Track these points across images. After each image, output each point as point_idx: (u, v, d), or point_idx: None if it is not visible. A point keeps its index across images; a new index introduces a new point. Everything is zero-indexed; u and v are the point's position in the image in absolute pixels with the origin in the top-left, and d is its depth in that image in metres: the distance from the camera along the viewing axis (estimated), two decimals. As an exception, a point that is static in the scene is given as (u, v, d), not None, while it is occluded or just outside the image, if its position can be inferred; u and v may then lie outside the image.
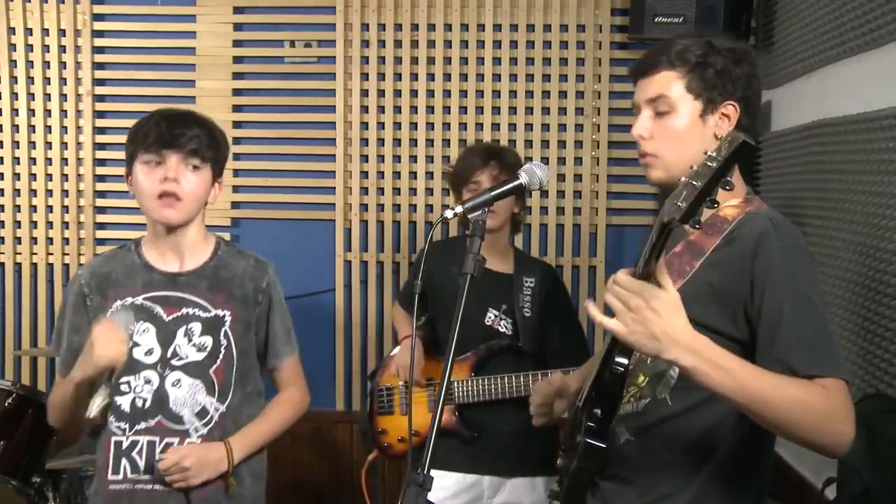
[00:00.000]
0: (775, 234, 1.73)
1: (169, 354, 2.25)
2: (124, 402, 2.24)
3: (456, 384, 3.03)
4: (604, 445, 1.80)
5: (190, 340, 2.26)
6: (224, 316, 2.29)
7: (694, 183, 1.40)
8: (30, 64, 4.09)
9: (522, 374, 2.99)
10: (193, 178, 2.22)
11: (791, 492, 3.03)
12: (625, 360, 1.74)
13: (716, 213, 1.84)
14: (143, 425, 2.24)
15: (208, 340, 2.27)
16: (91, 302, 2.29)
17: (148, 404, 2.23)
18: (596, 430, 1.80)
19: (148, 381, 2.24)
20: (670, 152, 1.85)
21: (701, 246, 1.82)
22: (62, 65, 4.09)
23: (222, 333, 2.29)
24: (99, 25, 4.10)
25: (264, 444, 2.37)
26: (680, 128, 1.84)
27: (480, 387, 3.03)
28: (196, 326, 2.27)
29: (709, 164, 1.39)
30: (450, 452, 2.98)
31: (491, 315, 3.07)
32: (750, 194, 1.90)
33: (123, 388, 2.24)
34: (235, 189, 4.11)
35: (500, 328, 3.07)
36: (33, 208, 4.12)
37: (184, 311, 2.27)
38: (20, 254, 4.12)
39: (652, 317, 1.53)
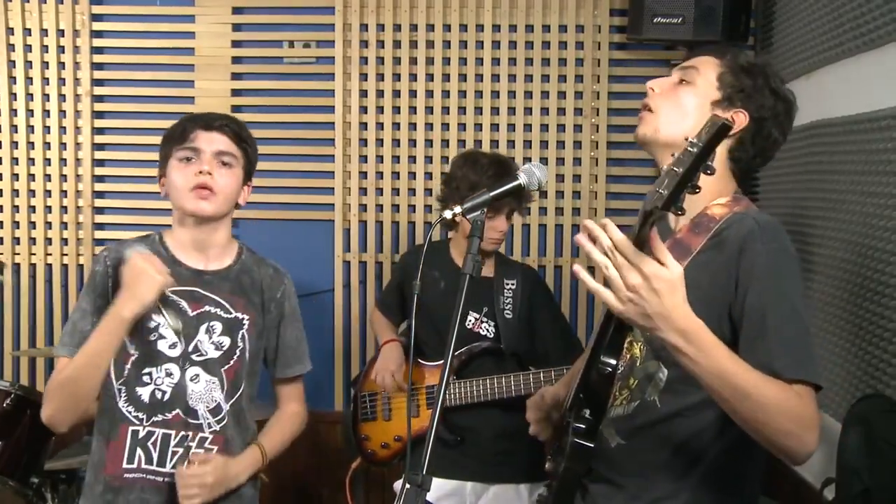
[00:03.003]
0: (760, 236, 1.73)
1: (190, 349, 2.27)
2: (144, 393, 2.25)
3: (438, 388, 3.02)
4: (591, 445, 1.79)
5: (210, 338, 2.29)
6: (243, 319, 2.32)
7: (675, 169, 1.39)
8: (28, 64, 4.08)
9: (504, 376, 2.99)
10: (225, 174, 2.28)
11: (790, 492, 3.03)
12: (612, 360, 1.71)
13: (703, 212, 1.84)
14: (160, 417, 2.25)
15: (226, 340, 2.30)
16: (112, 284, 2.27)
17: (167, 397, 2.25)
18: (584, 431, 1.79)
19: (169, 374, 2.25)
20: (668, 115, 1.87)
21: (688, 244, 1.82)
22: (61, 65, 4.09)
23: (240, 336, 2.32)
24: (98, 26, 4.10)
25: (279, 453, 2.42)
26: (688, 100, 1.86)
27: (463, 390, 3.02)
28: (217, 325, 2.29)
29: (689, 149, 1.38)
30: (432, 457, 2.94)
31: (472, 318, 3.07)
32: (738, 194, 1.90)
33: (145, 378, 2.25)
34: None
35: (480, 331, 3.07)
36: (32, 209, 4.12)
37: (206, 308, 2.29)
38: (19, 254, 4.12)
39: (649, 297, 1.50)
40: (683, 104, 1.87)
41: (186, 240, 2.33)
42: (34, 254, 4.12)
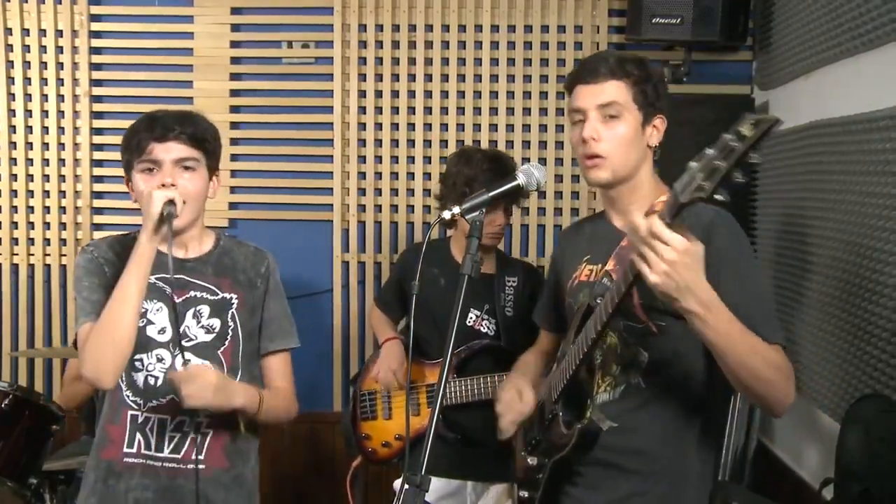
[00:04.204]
0: (722, 223, 1.93)
1: (179, 335, 2.30)
2: (139, 379, 2.28)
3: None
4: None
5: (199, 322, 2.31)
6: (231, 299, 2.35)
7: (718, 163, 1.47)
8: (27, 65, 4.07)
9: (506, 374, 2.94)
10: (190, 178, 2.26)
11: (789, 492, 3.03)
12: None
13: (653, 207, 1.94)
14: (154, 403, 2.27)
15: (216, 322, 2.33)
16: (108, 271, 2.28)
17: (160, 382, 2.27)
18: (571, 419, 1.99)
19: (160, 360, 2.28)
20: (619, 155, 2.01)
21: None
22: (59, 65, 4.08)
23: (230, 316, 2.34)
24: (96, 26, 4.09)
25: (269, 417, 2.36)
26: (627, 134, 2.01)
27: (463, 388, 3.02)
28: (204, 309, 2.32)
29: (732, 143, 1.46)
30: (432, 457, 2.94)
31: (472, 315, 3.07)
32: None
33: (137, 364, 2.28)
34: (233, 190, 4.10)
35: (482, 328, 3.08)
36: (30, 209, 4.10)
37: (192, 293, 2.32)
38: (17, 254, 4.11)
39: (683, 271, 1.63)
40: (626, 139, 2.01)
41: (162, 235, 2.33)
42: (32, 254, 4.11)
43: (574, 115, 2.07)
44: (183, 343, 2.29)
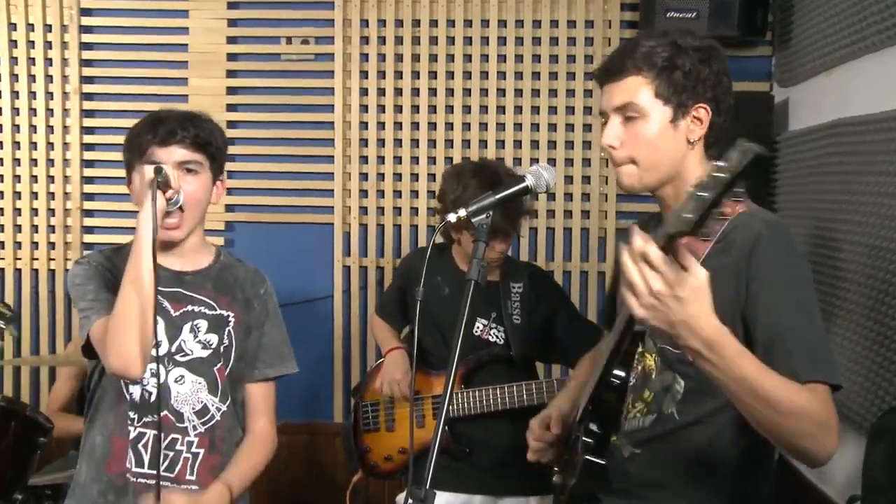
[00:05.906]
0: (770, 237, 1.74)
1: (174, 350, 2.27)
2: (136, 393, 2.25)
3: None
4: (603, 462, 1.79)
5: (195, 337, 2.29)
6: (228, 316, 2.33)
7: (701, 194, 1.38)
8: (14, 60, 4.05)
9: (515, 385, 2.94)
10: (191, 181, 2.23)
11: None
12: (622, 373, 1.73)
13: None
14: (149, 418, 2.24)
15: (213, 338, 2.30)
16: (110, 275, 2.24)
17: (153, 398, 2.23)
18: (594, 447, 1.80)
19: (154, 375, 2.23)
20: (644, 159, 1.86)
21: (694, 250, 1.78)
22: (48, 61, 4.06)
23: (226, 333, 2.32)
24: (87, 20, 4.07)
25: (249, 484, 2.36)
26: (651, 134, 1.83)
27: (472, 399, 2.97)
28: (202, 323, 2.30)
29: (717, 174, 1.36)
30: (439, 470, 2.88)
31: (480, 324, 3.02)
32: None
33: None
34: (230, 192, 4.04)
35: (490, 337, 3.03)
36: (17, 211, 4.07)
37: (190, 307, 2.30)
38: (3, 259, 4.07)
39: (673, 304, 1.49)
40: (649, 141, 1.84)
41: (162, 248, 2.29)
42: (20, 258, 4.07)
43: (600, 116, 1.94)
44: (178, 358, 2.26)
